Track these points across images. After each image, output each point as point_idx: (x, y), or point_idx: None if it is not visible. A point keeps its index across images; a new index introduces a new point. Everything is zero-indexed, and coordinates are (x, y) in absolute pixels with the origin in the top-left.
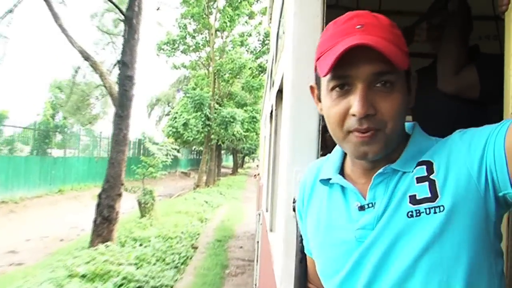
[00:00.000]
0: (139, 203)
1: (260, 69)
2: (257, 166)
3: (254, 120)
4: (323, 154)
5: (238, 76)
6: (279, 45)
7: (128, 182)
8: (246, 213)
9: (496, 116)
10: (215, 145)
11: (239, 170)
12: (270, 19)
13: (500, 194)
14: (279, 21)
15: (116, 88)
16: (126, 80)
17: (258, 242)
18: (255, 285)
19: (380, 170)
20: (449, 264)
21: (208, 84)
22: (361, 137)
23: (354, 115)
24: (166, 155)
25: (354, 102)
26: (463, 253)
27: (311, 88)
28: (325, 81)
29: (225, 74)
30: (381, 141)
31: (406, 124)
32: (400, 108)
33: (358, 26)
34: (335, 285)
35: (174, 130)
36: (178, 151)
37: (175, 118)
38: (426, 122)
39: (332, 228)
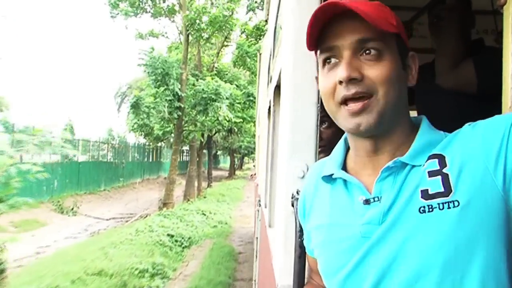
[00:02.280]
0: None
1: (258, 32)
2: (254, 166)
3: (251, 100)
4: (319, 147)
5: (227, 41)
6: (276, 40)
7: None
8: (239, 261)
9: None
10: (201, 140)
11: (237, 172)
12: (268, 14)
13: None
14: (277, 16)
15: None
16: None
17: (257, 238)
18: (255, 280)
19: (390, 163)
20: (464, 261)
21: (181, 52)
22: (352, 109)
23: (340, 81)
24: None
25: (339, 69)
26: (478, 250)
27: (317, 79)
28: (317, 59)
29: (204, 29)
30: (374, 111)
31: (414, 117)
32: (392, 76)
33: None
34: (338, 283)
35: (138, 122)
36: (100, 147)
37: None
38: (431, 118)
39: (335, 225)
